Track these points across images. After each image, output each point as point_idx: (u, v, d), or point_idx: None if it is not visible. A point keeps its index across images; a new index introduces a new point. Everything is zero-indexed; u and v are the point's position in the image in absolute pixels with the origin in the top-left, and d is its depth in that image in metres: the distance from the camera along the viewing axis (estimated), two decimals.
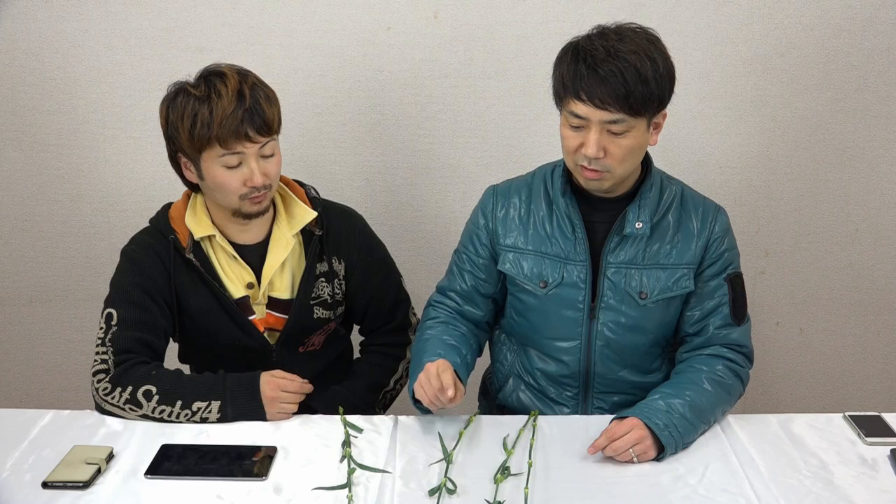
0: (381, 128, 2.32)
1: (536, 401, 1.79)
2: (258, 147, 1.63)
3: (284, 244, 1.77)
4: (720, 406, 1.63)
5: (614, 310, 1.68)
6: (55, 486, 1.42)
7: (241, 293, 1.77)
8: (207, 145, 1.60)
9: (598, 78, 1.48)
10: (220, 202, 1.69)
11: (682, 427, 1.53)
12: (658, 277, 1.66)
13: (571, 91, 1.52)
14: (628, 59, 1.48)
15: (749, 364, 1.72)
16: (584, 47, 1.52)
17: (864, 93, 2.29)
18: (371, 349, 1.93)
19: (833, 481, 1.45)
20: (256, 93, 1.62)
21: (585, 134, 1.53)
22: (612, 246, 1.66)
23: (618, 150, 1.54)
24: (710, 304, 1.69)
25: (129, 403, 1.61)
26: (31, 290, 2.45)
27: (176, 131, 1.63)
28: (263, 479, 1.45)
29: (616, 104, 1.49)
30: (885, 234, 2.42)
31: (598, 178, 1.57)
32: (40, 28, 2.22)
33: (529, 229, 1.71)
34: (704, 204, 1.71)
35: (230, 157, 1.62)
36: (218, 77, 1.62)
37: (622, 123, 1.51)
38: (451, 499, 1.41)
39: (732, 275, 1.70)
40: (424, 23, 2.23)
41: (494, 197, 1.76)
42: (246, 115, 1.59)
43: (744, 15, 2.23)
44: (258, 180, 1.63)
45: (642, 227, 1.63)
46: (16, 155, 2.33)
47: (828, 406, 2.52)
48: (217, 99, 1.59)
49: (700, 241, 1.67)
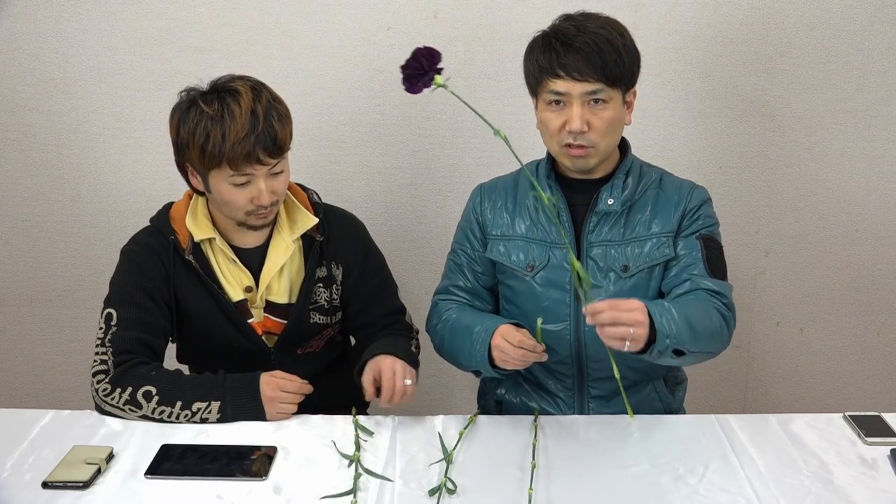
0: (381, 128, 2.32)
1: (534, 395, 1.80)
2: (268, 169, 1.64)
3: (284, 249, 1.77)
4: (709, 324, 1.57)
5: (600, 287, 1.70)
6: (55, 486, 1.41)
7: (240, 296, 1.77)
8: (217, 166, 1.61)
9: (575, 51, 1.58)
10: (226, 214, 1.70)
11: (677, 331, 1.47)
12: (639, 249, 1.70)
13: (548, 71, 1.60)
14: (599, 33, 1.59)
15: (731, 315, 1.66)
16: (554, 31, 1.63)
17: (864, 93, 2.29)
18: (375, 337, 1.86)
19: (833, 481, 1.45)
20: (270, 114, 1.61)
21: (567, 110, 1.61)
22: (591, 226, 1.71)
23: (600, 122, 1.61)
24: (685, 261, 1.69)
25: (128, 404, 1.61)
26: (31, 290, 2.45)
27: (186, 147, 1.63)
28: (263, 479, 1.45)
29: (594, 74, 1.57)
30: (885, 234, 2.42)
31: (585, 153, 1.63)
32: (40, 28, 2.22)
33: (517, 217, 1.77)
34: (682, 183, 1.77)
35: (239, 178, 1.62)
36: (231, 95, 1.61)
37: (601, 93, 1.59)
38: (451, 499, 1.40)
39: (706, 235, 1.71)
40: (424, 23, 2.23)
41: (482, 193, 1.83)
42: (258, 140, 1.59)
43: (744, 15, 2.23)
44: (265, 199, 1.65)
45: (614, 203, 1.69)
46: (16, 155, 2.33)
47: (828, 406, 2.52)
48: (230, 121, 1.58)
49: (677, 212, 1.72)
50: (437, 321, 1.79)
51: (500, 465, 1.50)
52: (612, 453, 1.54)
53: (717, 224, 1.76)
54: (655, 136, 2.30)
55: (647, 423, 1.64)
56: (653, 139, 2.29)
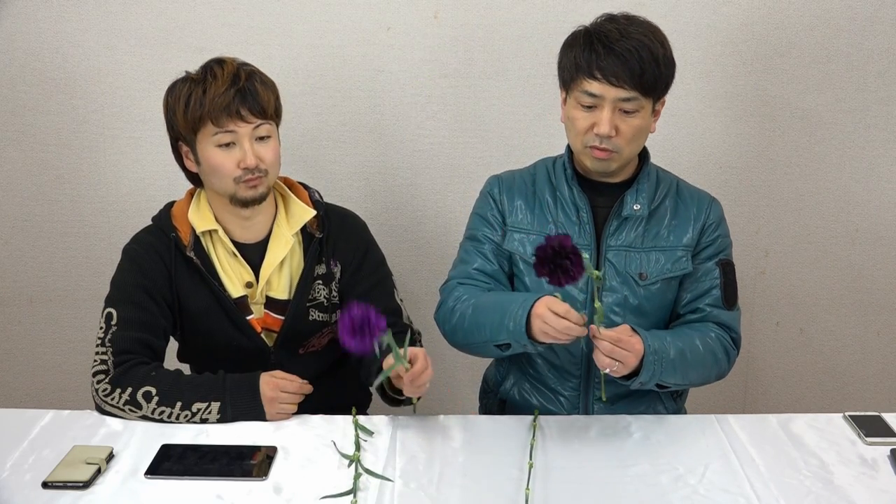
0: (381, 128, 2.32)
1: (537, 393, 1.80)
2: (251, 128, 1.66)
3: (284, 243, 1.77)
4: (702, 369, 1.67)
5: (616, 292, 1.71)
6: (55, 486, 1.41)
7: (240, 292, 1.77)
8: (201, 123, 1.64)
9: (615, 56, 1.56)
10: (217, 188, 1.70)
11: (663, 375, 1.58)
12: (657, 259, 1.71)
13: (586, 71, 1.58)
14: (641, 41, 1.57)
15: (736, 349, 1.75)
16: (597, 30, 1.61)
17: (864, 93, 2.29)
18: None
19: (833, 481, 1.45)
20: (253, 78, 1.68)
21: (598, 113, 1.60)
22: (611, 229, 1.70)
23: (628, 129, 1.60)
24: (702, 286, 1.74)
25: (128, 404, 1.61)
26: (31, 290, 2.45)
27: (173, 114, 1.68)
28: (263, 479, 1.45)
29: (630, 82, 1.56)
30: (885, 234, 2.42)
31: (607, 157, 1.63)
32: (40, 28, 2.22)
33: (535, 211, 1.75)
34: (699, 194, 1.78)
35: (223, 136, 1.65)
36: (217, 63, 1.69)
37: (634, 102, 1.58)
38: (451, 498, 1.41)
39: (724, 260, 1.75)
40: (424, 23, 2.23)
41: (500, 183, 1.81)
42: (238, 94, 1.64)
43: (744, 15, 2.23)
44: (250, 161, 1.65)
45: (640, 209, 1.69)
46: (16, 155, 2.33)
47: (828, 406, 2.52)
48: (212, 80, 1.64)
49: (697, 225, 1.73)
50: (454, 303, 1.71)
51: (499, 464, 1.50)
52: (612, 453, 1.54)
53: (731, 242, 1.79)
54: (656, 136, 2.27)
55: (647, 423, 1.64)
56: (653, 139, 2.26)
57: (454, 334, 1.73)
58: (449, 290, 1.77)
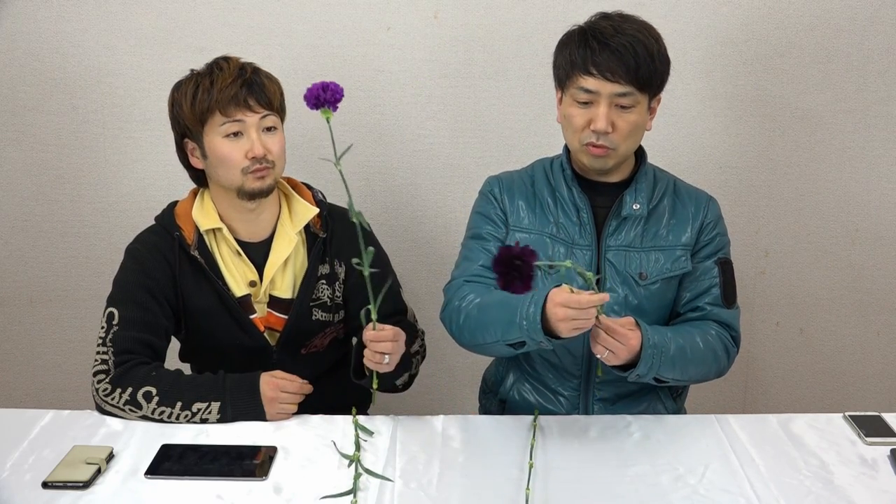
0: (381, 128, 2.32)
1: (537, 393, 1.80)
2: (258, 118, 1.67)
3: (287, 242, 1.77)
4: (702, 366, 1.67)
5: (616, 292, 1.71)
6: (55, 486, 1.41)
7: (243, 291, 1.77)
8: (209, 114, 1.66)
9: (610, 51, 1.57)
10: (224, 181, 1.70)
11: (660, 370, 1.58)
12: (657, 259, 1.71)
13: (581, 67, 1.60)
14: (635, 36, 1.59)
15: (736, 347, 1.75)
16: (591, 27, 1.62)
17: (864, 93, 2.29)
18: None
19: (833, 481, 1.45)
20: (258, 72, 1.72)
21: (594, 109, 1.61)
22: (610, 229, 1.71)
23: (625, 125, 1.61)
24: (702, 285, 1.74)
25: (128, 404, 1.61)
26: (31, 290, 2.45)
27: (180, 108, 1.69)
28: (263, 479, 1.45)
29: (626, 77, 1.57)
30: (885, 234, 2.42)
31: (604, 154, 1.63)
32: (40, 28, 2.22)
33: (536, 211, 1.75)
34: (697, 193, 1.79)
35: (231, 125, 1.66)
36: (222, 59, 1.72)
37: (630, 97, 1.59)
38: (451, 498, 1.41)
39: (723, 259, 1.76)
40: (424, 23, 2.23)
41: (500, 183, 1.81)
42: (245, 85, 1.67)
43: (744, 15, 2.23)
44: (258, 150, 1.67)
45: (640, 209, 1.70)
46: (16, 155, 2.33)
47: (828, 406, 2.52)
48: (219, 72, 1.67)
49: (695, 224, 1.74)
50: (460, 302, 1.68)
51: (499, 464, 1.50)
52: (612, 453, 1.54)
53: (729, 241, 1.80)
54: (656, 136, 2.29)
55: (647, 423, 1.64)
56: (653, 139, 2.27)
57: (461, 334, 1.70)
58: (454, 288, 1.74)
